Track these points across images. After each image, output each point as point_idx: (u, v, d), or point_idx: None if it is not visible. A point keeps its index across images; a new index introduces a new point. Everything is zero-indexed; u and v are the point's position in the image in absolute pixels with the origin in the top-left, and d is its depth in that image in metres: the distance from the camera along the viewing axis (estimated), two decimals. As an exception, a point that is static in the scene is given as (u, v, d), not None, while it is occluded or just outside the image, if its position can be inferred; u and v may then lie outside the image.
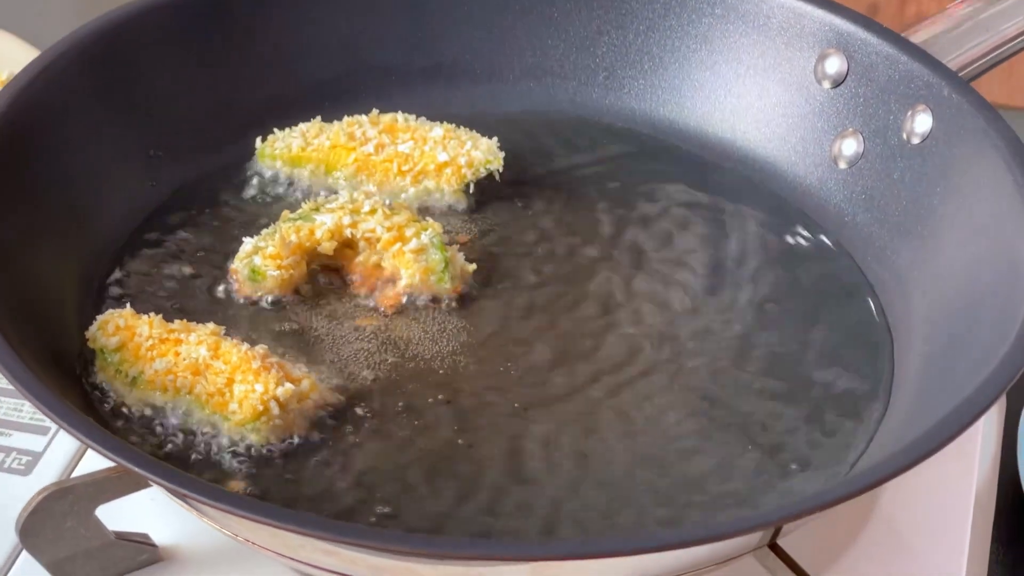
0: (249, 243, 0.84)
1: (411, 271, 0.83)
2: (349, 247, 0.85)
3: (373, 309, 0.84)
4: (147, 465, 0.66)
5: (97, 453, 0.66)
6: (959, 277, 0.82)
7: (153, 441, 0.76)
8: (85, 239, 0.85)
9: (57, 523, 0.72)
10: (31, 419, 0.85)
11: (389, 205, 0.86)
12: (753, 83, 0.95)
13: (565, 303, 0.86)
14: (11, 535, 0.74)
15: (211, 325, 0.78)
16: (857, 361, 0.83)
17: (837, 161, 0.92)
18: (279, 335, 0.82)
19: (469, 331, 0.83)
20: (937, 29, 0.92)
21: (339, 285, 0.85)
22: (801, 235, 0.91)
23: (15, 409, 0.85)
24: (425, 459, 0.76)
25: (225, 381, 0.75)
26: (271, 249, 0.83)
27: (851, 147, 0.91)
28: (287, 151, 0.91)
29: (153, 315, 0.78)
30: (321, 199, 0.86)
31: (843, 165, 0.92)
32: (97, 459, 0.67)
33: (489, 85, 0.98)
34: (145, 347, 0.77)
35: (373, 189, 0.89)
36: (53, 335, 0.79)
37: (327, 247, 0.84)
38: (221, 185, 0.91)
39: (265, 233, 0.85)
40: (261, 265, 0.83)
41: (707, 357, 0.83)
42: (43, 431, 0.84)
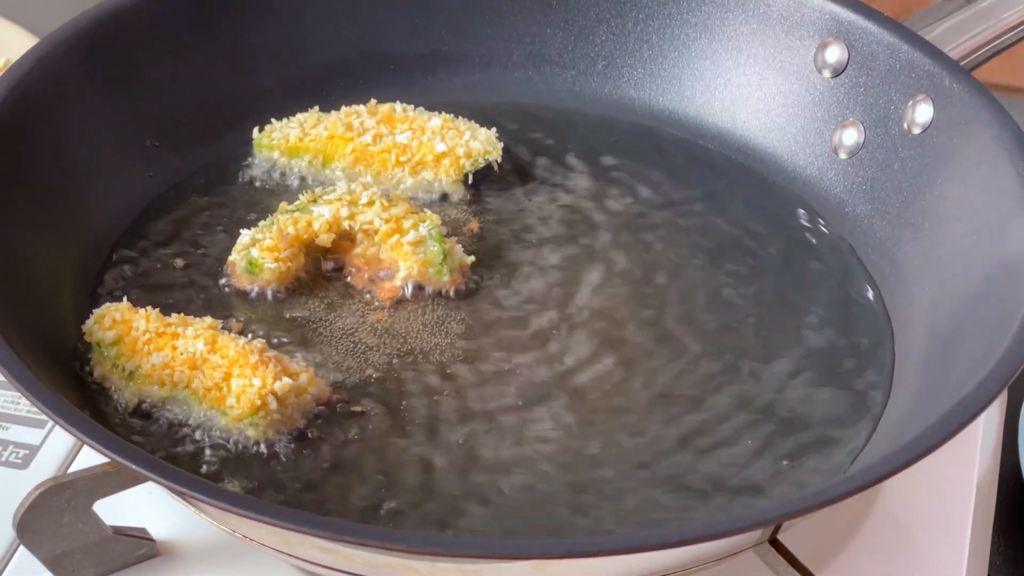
0: (247, 235, 0.84)
1: (409, 263, 0.83)
2: (347, 239, 0.84)
3: (371, 301, 0.84)
4: (142, 462, 0.65)
5: (92, 449, 0.66)
6: (960, 269, 0.82)
7: (150, 436, 0.75)
8: (82, 231, 0.84)
9: (54, 518, 0.71)
10: (28, 412, 0.84)
11: (387, 197, 0.85)
12: (753, 72, 0.95)
13: (564, 294, 0.85)
14: (8, 530, 0.73)
15: (208, 319, 0.78)
16: (857, 353, 0.83)
17: (837, 151, 0.92)
18: (277, 328, 0.82)
19: (468, 323, 0.83)
20: (938, 18, 0.91)
21: (337, 277, 0.85)
22: (801, 226, 0.91)
23: (12, 402, 0.85)
24: (426, 453, 0.76)
25: (223, 375, 0.75)
26: (269, 241, 0.83)
27: (851, 137, 0.91)
28: (285, 141, 0.90)
29: (150, 309, 0.78)
30: (319, 191, 0.86)
31: (843, 155, 0.91)
32: (94, 453, 0.66)
33: (487, 73, 0.98)
34: (142, 341, 0.76)
35: (370, 180, 0.89)
36: (50, 328, 0.78)
37: (325, 239, 0.83)
38: (218, 176, 0.91)
39: (263, 225, 0.84)
40: (259, 257, 0.83)
41: (706, 349, 0.82)
42: (40, 424, 0.84)
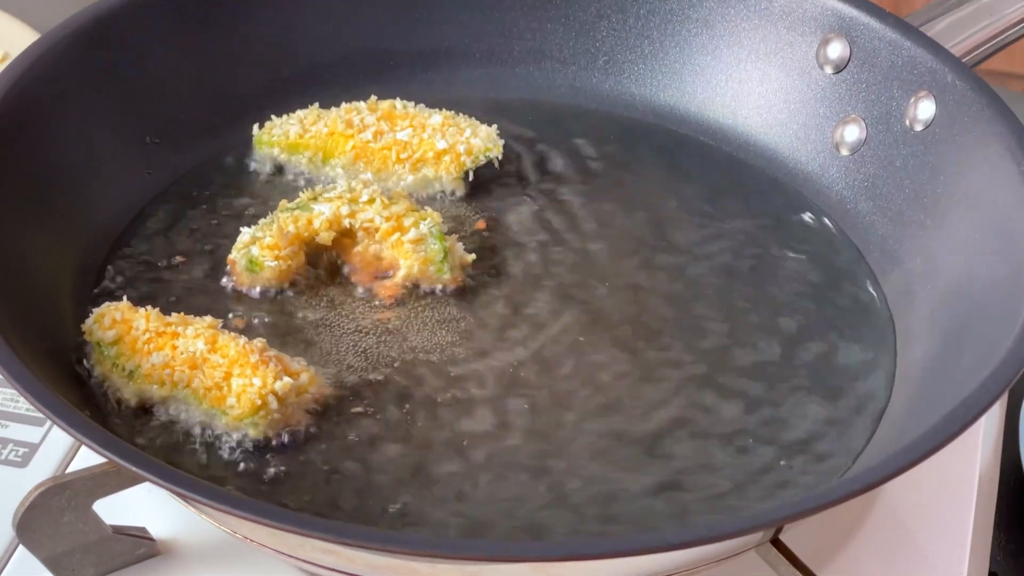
0: (247, 233, 0.83)
1: (410, 261, 0.83)
2: (347, 237, 0.84)
3: (371, 300, 0.83)
4: (141, 463, 0.65)
5: (90, 450, 0.66)
6: (962, 267, 0.82)
7: (150, 435, 0.75)
8: (81, 229, 0.84)
9: (54, 518, 0.71)
10: (28, 410, 0.84)
11: (388, 194, 0.85)
12: (754, 68, 0.95)
13: (566, 292, 0.85)
14: (8, 529, 0.73)
15: (208, 318, 0.78)
16: (858, 352, 0.82)
17: (839, 148, 0.91)
18: (277, 326, 0.81)
19: (468, 321, 0.82)
20: (940, 14, 0.91)
21: (337, 275, 0.85)
22: (802, 222, 0.90)
23: (12, 400, 0.85)
24: (428, 452, 0.75)
25: (223, 375, 0.75)
26: (269, 239, 0.82)
27: (853, 133, 0.91)
28: (284, 138, 0.90)
29: (150, 308, 0.78)
30: (319, 188, 0.86)
31: (845, 152, 0.91)
32: (94, 453, 0.66)
33: (488, 69, 0.98)
34: (142, 340, 0.76)
35: (371, 177, 0.89)
36: (49, 327, 0.78)
37: (325, 237, 0.83)
38: (218, 173, 0.91)
39: (263, 223, 0.84)
40: (259, 256, 0.82)
41: (708, 346, 0.82)
42: (40, 422, 0.83)
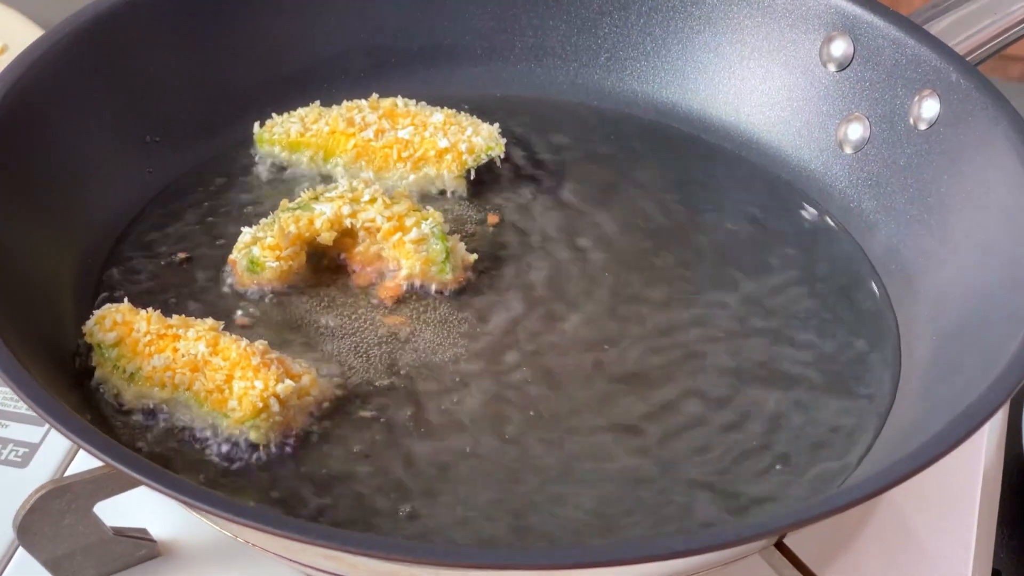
0: (247, 233, 0.83)
1: (411, 262, 0.83)
2: (349, 237, 0.84)
3: (373, 300, 0.83)
4: (139, 467, 0.65)
5: (89, 454, 0.66)
6: (966, 268, 0.81)
7: (151, 438, 0.75)
8: (82, 229, 0.84)
9: (55, 521, 0.71)
10: (28, 409, 0.83)
11: (389, 194, 0.85)
12: (757, 65, 0.94)
13: (568, 291, 0.85)
14: (8, 531, 0.73)
15: (210, 320, 0.78)
16: (862, 352, 0.82)
17: (842, 146, 0.91)
18: (278, 327, 0.81)
19: (470, 322, 0.82)
20: (943, 12, 0.90)
21: (338, 276, 0.84)
22: (805, 221, 0.90)
23: (12, 399, 0.84)
24: (430, 455, 0.75)
25: (224, 378, 0.74)
26: (270, 240, 0.82)
27: (857, 132, 0.91)
28: (285, 136, 0.90)
29: (151, 310, 0.77)
30: (320, 188, 0.85)
31: (848, 150, 0.91)
32: (94, 454, 0.66)
33: (489, 66, 0.98)
34: (143, 343, 0.76)
35: (372, 176, 0.88)
36: (50, 328, 0.78)
37: (326, 237, 0.83)
38: (219, 172, 0.90)
39: (264, 223, 0.84)
40: (260, 256, 0.82)
41: (710, 345, 0.82)
42: (40, 422, 0.83)
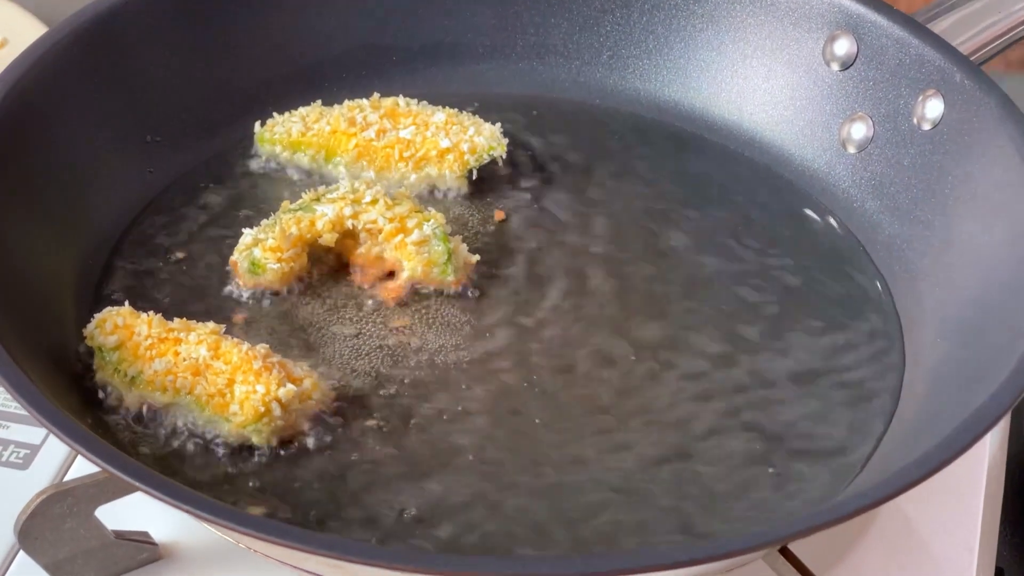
0: (248, 235, 0.83)
1: (413, 263, 0.82)
2: (350, 238, 0.83)
3: (375, 302, 0.83)
4: (139, 475, 0.65)
5: (88, 461, 0.65)
6: (970, 270, 0.81)
7: (152, 442, 0.75)
8: (82, 230, 0.83)
9: (56, 525, 0.71)
10: (28, 411, 0.83)
11: (391, 195, 0.85)
12: (760, 64, 0.94)
13: (571, 290, 0.84)
14: (9, 534, 0.72)
15: (211, 324, 0.77)
16: (866, 354, 0.82)
17: (846, 145, 0.91)
18: (279, 329, 0.81)
19: (473, 324, 0.82)
20: (947, 10, 0.90)
21: (340, 277, 0.84)
22: (808, 221, 0.90)
23: (13, 399, 0.84)
24: (434, 457, 0.75)
25: (226, 382, 0.74)
26: (271, 241, 0.82)
27: (860, 131, 0.90)
28: (287, 136, 0.89)
29: (152, 314, 0.77)
30: (322, 189, 0.85)
31: (852, 150, 0.91)
32: (96, 456, 0.66)
33: (491, 64, 0.97)
34: (144, 346, 0.75)
35: (373, 175, 0.88)
36: (50, 330, 0.78)
37: (328, 239, 0.83)
38: (219, 172, 0.90)
39: (265, 224, 0.83)
40: (261, 258, 0.82)
41: (714, 348, 0.82)
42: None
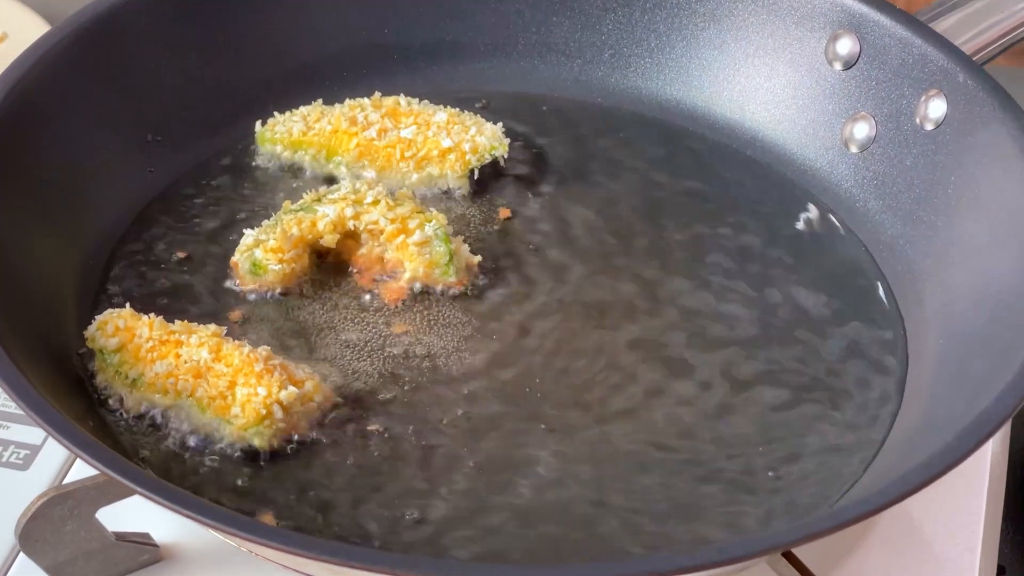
0: (250, 236, 0.83)
1: (415, 264, 0.82)
2: (352, 239, 0.83)
3: (376, 303, 0.82)
4: (139, 480, 0.65)
5: (89, 465, 0.65)
6: (973, 271, 0.81)
7: (153, 445, 0.75)
8: (83, 231, 0.83)
9: (57, 527, 0.71)
10: (29, 412, 0.83)
11: (392, 195, 0.84)
12: (762, 63, 0.94)
13: (573, 290, 0.84)
14: (9, 535, 0.72)
15: (212, 326, 0.77)
16: (869, 355, 0.82)
17: (848, 145, 0.91)
18: (280, 331, 0.81)
19: (475, 325, 0.82)
20: (949, 10, 0.90)
21: (341, 277, 0.84)
22: (810, 220, 0.90)
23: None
24: (436, 459, 0.75)
25: (227, 384, 0.74)
26: (272, 242, 0.82)
27: (863, 131, 0.90)
28: (288, 135, 0.89)
29: (153, 316, 0.77)
30: (323, 189, 0.85)
31: (854, 149, 0.90)
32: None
33: (492, 62, 0.97)
34: (145, 348, 0.75)
35: (374, 175, 0.88)
36: (51, 331, 0.78)
37: (329, 240, 0.82)
38: (220, 171, 0.90)
39: (266, 225, 0.83)
40: (262, 259, 0.81)
41: (716, 348, 0.82)
42: (41, 424, 0.83)
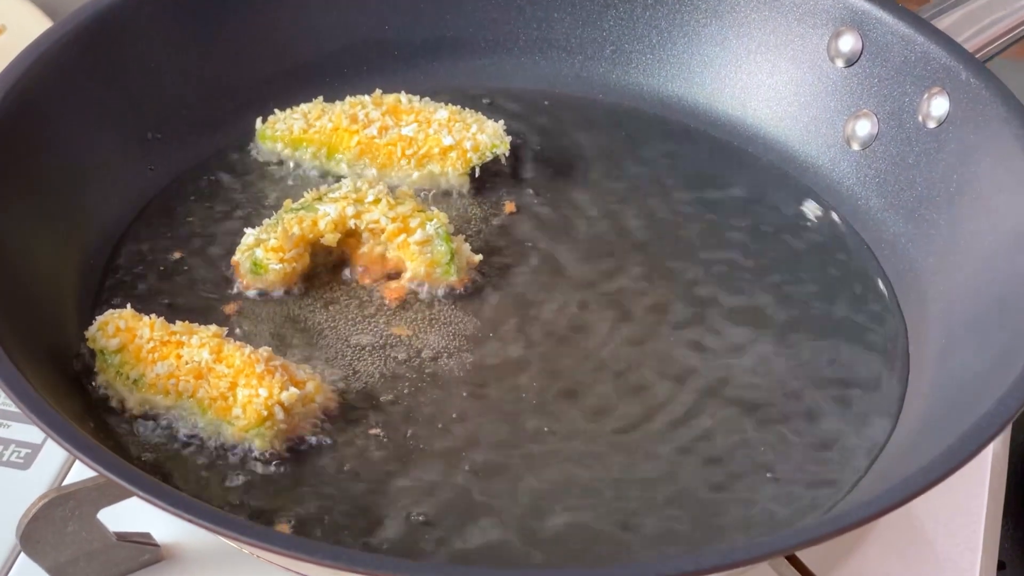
0: (251, 235, 0.82)
1: (416, 263, 0.82)
2: (353, 237, 0.83)
3: (377, 302, 0.82)
4: (138, 482, 0.65)
5: (89, 468, 0.65)
6: (976, 271, 0.81)
7: (155, 446, 0.74)
8: (83, 229, 0.83)
9: (58, 528, 0.71)
10: (29, 411, 0.83)
11: (393, 193, 0.84)
12: (764, 60, 0.93)
13: (574, 288, 0.84)
14: (10, 535, 0.72)
15: (213, 327, 0.77)
16: (870, 352, 0.82)
17: (850, 142, 0.90)
18: (281, 331, 0.80)
19: (476, 324, 0.81)
20: (952, 6, 0.89)
21: (342, 276, 0.84)
22: (812, 217, 0.89)
23: (13, 400, 0.84)
24: (437, 458, 0.75)
25: (228, 385, 0.74)
26: (273, 242, 0.81)
27: (865, 128, 0.90)
28: (288, 133, 0.89)
29: (154, 316, 0.77)
30: (324, 188, 0.84)
31: (856, 147, 0.90)
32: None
33: (493, 59, 0.97)
34: (146, 349, 0.75)
35: (375, 173, 0.87)
36: (52, 331, 0.77)
37: (330, 239, 0.82)
38: (221, 169, 0.89)
39: (267, 224, 0.83)
40: (263, 258, 0.81)
41: (717, 349, 0.81)
42: (42, 423, 0.83)
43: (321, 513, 0.72)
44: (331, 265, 0.84)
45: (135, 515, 0.75)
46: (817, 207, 0.90)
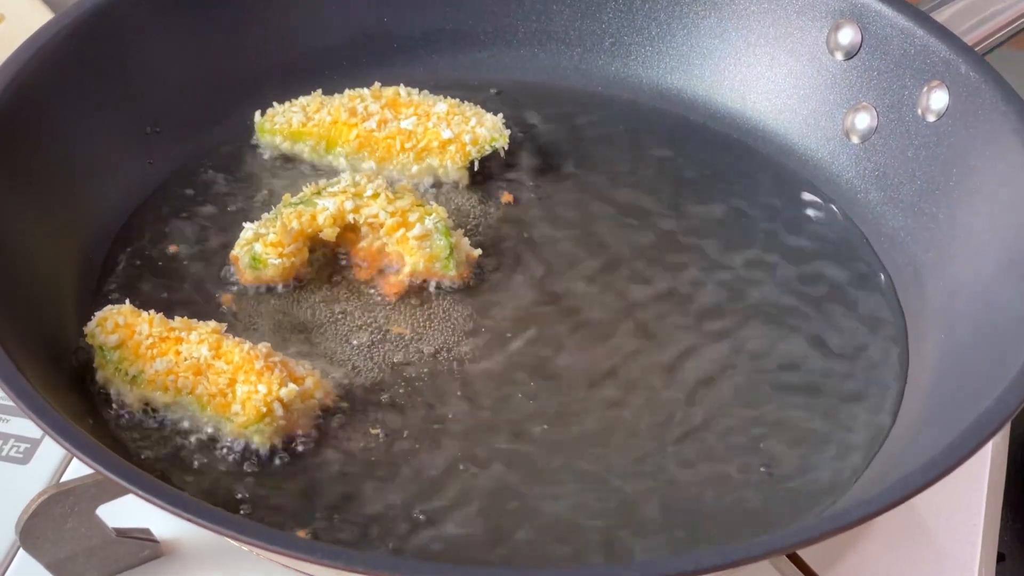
0: (250, 229, 0.82)
1: (415, 257, 0.82)
2: (351, 232, 0.83)
3: (376, 296, 0.82)
4: (136, 480, 0.64)
5: (88, 467, 0.65)
6: (975, 265, 0.81)
7: (153, 442, 0.74)
8: (82, 224, 0.83)
9: (57, 525, 0.71)
10: (29, 406, 0.83)
11: (392, 187, 0.84)
12: (763, 52, 0.93)
13: (574, 284, 0.84)
14: (9, 531, 0.72)
15: (212, 323, 0.77)
16: (869, 346, 0.82)
17: (849, 135, 0.90)
18: (280, 326, 0.80)
19: (475, 319, 0.81)
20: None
21: (341, 271, 0.83)
22: (811, 210, 0.89)
23: (12, 396, 0.84)
24: (438, 456, 0.75)
25: (227, 382, 0.74)
26: (272, 236, 0.81)
27: (864, 121, 0.90)
28: (287, 126, 0.89)
29: (153, 312, 0.76)
30: (323, 182, 0.84)
31: (855, 140, 0.90)
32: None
33: (492, 51, 0.97)
34: (145, 345, 0.75)
35: (374, 167, 0.87)
36: (51, 327, 0.77)
37: (329, 233, 0.82)
38: (219, 163, 0.89)
39: (266, 219, 0.83)
40: (262, 253, 0.81)
41: (718, 347, 0.81)
42: (41, 418, 0.83)
43: (321, 510, 0.72)
44: (330, 260, 0.84)
45: (134, 511, 0.75)
46: (816, 200, 0.90)
